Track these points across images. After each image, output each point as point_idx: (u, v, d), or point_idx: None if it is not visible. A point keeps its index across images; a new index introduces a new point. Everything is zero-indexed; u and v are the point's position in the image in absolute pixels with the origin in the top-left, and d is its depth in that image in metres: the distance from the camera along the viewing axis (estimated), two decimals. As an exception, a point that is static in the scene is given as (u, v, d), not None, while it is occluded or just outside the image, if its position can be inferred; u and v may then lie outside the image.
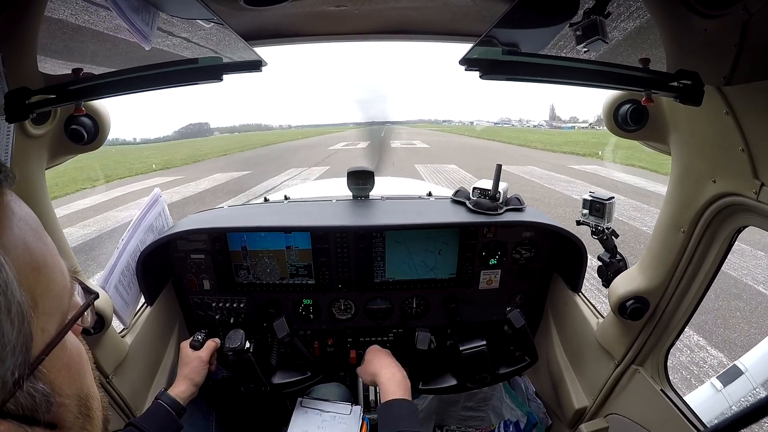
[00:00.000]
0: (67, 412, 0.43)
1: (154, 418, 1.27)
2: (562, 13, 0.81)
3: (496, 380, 1.69)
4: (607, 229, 1.53)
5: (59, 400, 0.42)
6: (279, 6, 1.07)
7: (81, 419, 0.45)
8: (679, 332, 1.33)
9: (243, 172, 18.24)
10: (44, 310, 0.40)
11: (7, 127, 0.92)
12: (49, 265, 0.42)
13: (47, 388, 0.40)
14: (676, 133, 1.13)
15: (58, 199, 13.40)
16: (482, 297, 1.90)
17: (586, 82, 0.84)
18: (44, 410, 0.40)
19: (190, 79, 0.92)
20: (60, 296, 0.43)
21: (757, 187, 0.89)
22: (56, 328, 0.42)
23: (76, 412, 0.45)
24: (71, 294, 0.46)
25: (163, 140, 64.53)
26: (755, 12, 0.75)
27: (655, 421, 1.33)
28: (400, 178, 4.13)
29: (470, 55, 0.87)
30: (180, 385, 1.40)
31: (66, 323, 0.44)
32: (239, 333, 1.53)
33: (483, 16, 1.23)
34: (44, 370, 0.40)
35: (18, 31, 0.83)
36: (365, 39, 1.47)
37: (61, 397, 0.42)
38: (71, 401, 0.44)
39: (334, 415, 1.50)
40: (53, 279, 0.42)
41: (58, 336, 0.42)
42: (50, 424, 0.41)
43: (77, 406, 0.45)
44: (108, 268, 1.46)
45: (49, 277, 0.42)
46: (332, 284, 1.84)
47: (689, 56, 0.88)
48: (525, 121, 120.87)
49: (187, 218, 1.84)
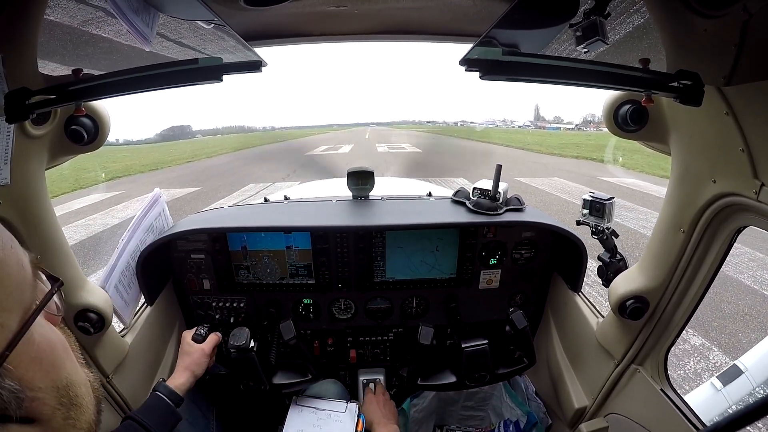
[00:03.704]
0: (42, 405, 0.42)
1: (153, 410, 1.26)
2: (561, 14, 0.81)
3: (495, 380, 1.69)
4: (607, 229, 1.53)
5: (31, 394, 0.41)
6: (279, 6, 1.07)
7: (62, 409, 0.45)
8: (679, 332, 1.33)
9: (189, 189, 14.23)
10: (2, 306, 0.39)
11: (7, 128, 0.92)
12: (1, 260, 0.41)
13: (15, 384, 0.39)
14: (676, 133, 1.13)
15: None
16: (482, 297, 1.90)
17: (586, 82, 0.84)
18: (15, 407, 0.39)
19: (190, 80, 0.92)
20: (19, 290, 0.42)
21: (757, 187, 0.89)
22: (18, 323, 0.41)
23: (54, 404, 0.44)
24: (33, 285, 0.45)
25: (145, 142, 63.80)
26: (755, 12, 0.75)
27: (655, 420, 1.33)
28: (400, 179, 4.13)
29: (470, 56, 0.87)
30: (180, 376, 1.39)
31: (29, 316, 0.42)
32: (244, 331, 1.53)
33: (483, 16, 1.23)
34: (9, 367, 0.39)
35: (18, 31, 0.83)
36: (365, 39, 1.47)
37: (33, 391, 0.41)
38: (46, 394, 0.43)
39: (329, 413, 1.50)
40: (8, 273, 0.41)
41: (21, 330, 0.41)
42: (25, 419, 0.41)
43: (55, 398, 0.44)
44: (108, 267, 1.46)
45: (3, 272, 0.41)
46: (332, 284, 1.84)
47: (689, 56, 0.88)
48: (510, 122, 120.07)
49: (187, 218, 1.84)
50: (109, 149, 35.94)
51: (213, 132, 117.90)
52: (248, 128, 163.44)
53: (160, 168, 22.90)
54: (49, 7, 0.83)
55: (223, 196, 12.75)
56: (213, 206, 2.20)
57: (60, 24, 0.89)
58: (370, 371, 1.96)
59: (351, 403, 1.54)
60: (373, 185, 1.95)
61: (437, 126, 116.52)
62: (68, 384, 0.46)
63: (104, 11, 0.86)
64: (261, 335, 1.89)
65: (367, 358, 2.00)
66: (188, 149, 38.05)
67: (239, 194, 13.09)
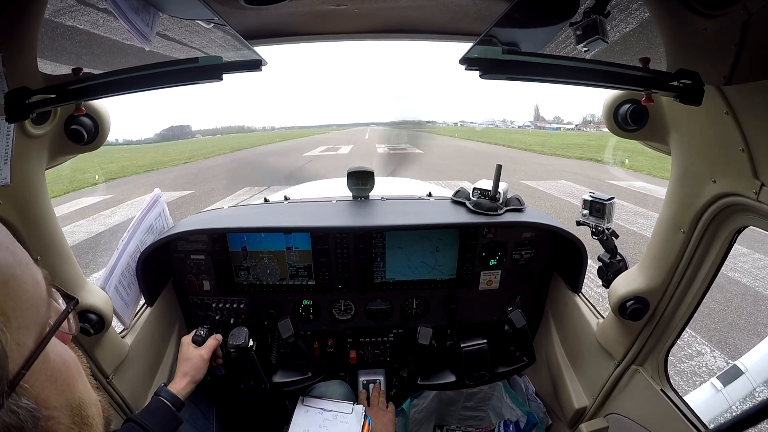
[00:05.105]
0: (57, 424, 0.42)
1: (154, 413, 1.26)
2: (562, 13, 0.81)
3: (494, 379, 1.70)
4: (607, 229, 1.53)
5: (47, 413, 0.41)
6: (279, 5, 1.07)
7: (75, 429, 0.44)
8: (679, 332, 1.33)
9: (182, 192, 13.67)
10: (18, 324, 0.39)
11: (7, 127, 0.92)
12: (18, 277, 0.40)
13: (32, 403, 0.39)
14: (676, 133, 1.13)
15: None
16: (482, 297, 1.90)
17: (586, 81, 0.84)
18: (31, 426, 0.38)
19: (191, 79, 0.92)
20: (35, 307, 0.42)
21: (757, 187, 0.89)
22: (35, 341, 0.40)
23: (68, 423, 0.43)
24: (48, 303, 0.44)
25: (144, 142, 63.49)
26: (755, 12, 0.75)
27: (655, 420, 1.33)
28: (400, 179, 4.12)
29: (470, 55, 0.87)
30: (179, 382, 1.39)
31: (45, 334, 0.42)
32: (243, 331, 1.53)
33: (483, 16, 1.23)
34: (26, 385, 0.38)
35: (18, 31, 0.83)
36: (365, 38, 1.47)
37: (48, 410, 0.41)
38: (61, 413, 0.43)
39: (335, 414, 1.50)
40: (25, 290, 0.41)
41: (38, 349, 0.40)
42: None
43: (69, 417, 0.44)
44: (108, 268, 1.46)
45: (20, 288, 0.40)
46: (332, 285, 1.84)
47: (689, 56, 0.88)
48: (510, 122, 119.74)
49: (187, 219, 1.84)
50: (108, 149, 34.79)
51: (212, 132, 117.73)
52: (248, 128, 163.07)
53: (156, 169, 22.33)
54: (49, 7, 0.83)
55: (218, 197, 12.52)
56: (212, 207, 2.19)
57: (60, 24, 0.89)
58: (370, 372, 1.96)
59: (358, 405, 1.54)
60: (373, 185, 1.95)
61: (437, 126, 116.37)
62: (80, 404, 0.46)
63: (104, 11, 0.86)
64: (261, 336, 1.90)
65: (367, 359, 2.00)
66: (186, 150, 37.30)
67: (233, 198, 12.73)
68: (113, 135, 1.30)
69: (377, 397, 1.77)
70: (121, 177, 18.99)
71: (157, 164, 24.63)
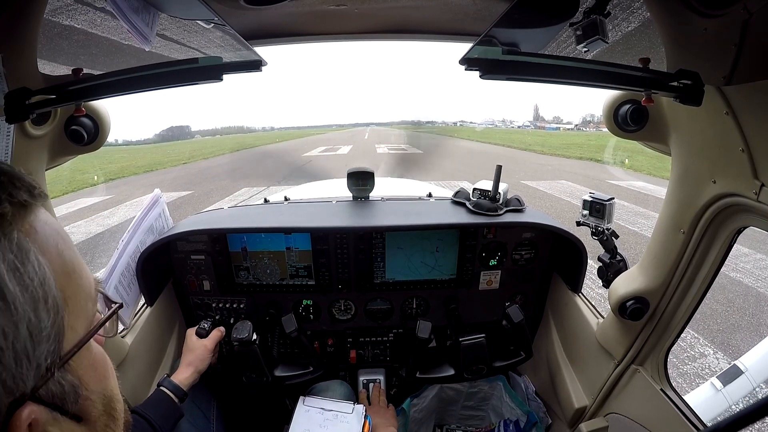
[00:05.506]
0: (92, 407, 0.46)
1: (156, 405, 1.28)
2: (562, 13, 0.81)
3: (492, 372, 1.72)
4: (607, 230, 1.53)
5: (86, 393, 0.45)
6: (279, 5, 1.07)
7: (105, 417, 0.49)
8: (679, 332, 1.33)
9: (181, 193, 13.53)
10: (73, 311, 0.44)
11: (7, 128, 0.92)
12: (78, 272, 0.46)
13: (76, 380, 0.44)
14: (676, 133, 1.13)
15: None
16: (482, 297, 1.90)
17: (586, 82, 0.84)
18: (72, 400, 0.43)
19: (191, 79, 0.92)
20: (86, 301, 0.47)
21: (757, 187, 0.89)
22: (84, 329, 0.46)
23: (101, 409, 0.48)
24: (95, 302, 0.50)
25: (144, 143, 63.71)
26: (755, 12, 0.75)
27: (655, 420, 1.33)
28: (400, 179, 4.12)
29: (470, 55, 0.87)
30: (183, 372, 1.42)
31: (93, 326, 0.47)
32: (247, 324, 1.55)
33: (483, 16, 1.23)
34: (72, 365, 0.43)
35: (18, 31, 0.83)
36: (365, 39, 1.47)
37: (87, 391, 0.45)
38: (96, 397, 0.47)
39: (336, 413, 1.50)
40: (81, 285, 0.46)
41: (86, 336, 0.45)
42: (76, 416, 0.44)
43: (102, 404, 0.48)
44: (108, 268, 1.46)
45: (79, 282, 0.46)
46: (332, 285, 1.84)
47: (689, 56, 0.88)
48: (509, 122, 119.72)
49: (187, 219, 1.84)
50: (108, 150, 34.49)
51: (212, 132, 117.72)
52: (247, 128, 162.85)
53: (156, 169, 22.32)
54: (49, 7, 0.83)
55: (216, 198, 12.52)
56: (212, 207, 2.20)
57: (60, 24, 0.89)
58: (370, 372, 1.96)
59: (358, 405, 1.54)
60: (373, 186, 1.95)
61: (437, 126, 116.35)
62: (112, 397, 0.50)
63: (104, 11, 0.86)
64: (262, 337, 1.90)
65: (367, 358, 2.00)
66: (186, 150, 37.16)
67: (231, 199, 12.60)
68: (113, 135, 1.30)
69: (377, 396, 1.78)
70: (120, 177, 19.00)
71: (156, 165, 24.63)
